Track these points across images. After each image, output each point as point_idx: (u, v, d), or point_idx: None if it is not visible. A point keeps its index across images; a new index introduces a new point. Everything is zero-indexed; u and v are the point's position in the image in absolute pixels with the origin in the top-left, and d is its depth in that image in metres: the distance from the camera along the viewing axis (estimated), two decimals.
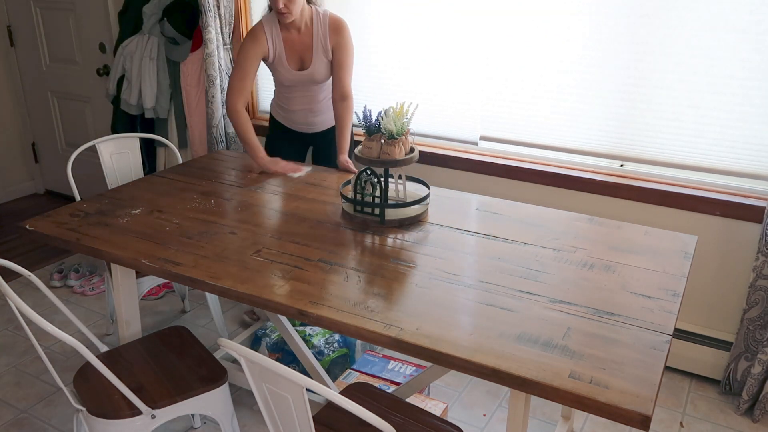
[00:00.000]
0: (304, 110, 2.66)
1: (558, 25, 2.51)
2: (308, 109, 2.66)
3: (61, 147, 4.24)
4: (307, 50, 2.49)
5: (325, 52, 2.49)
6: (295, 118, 2.70)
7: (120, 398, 1.75)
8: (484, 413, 2.39)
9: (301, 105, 2.65)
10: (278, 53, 2.49)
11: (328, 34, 2.47)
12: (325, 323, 1.52)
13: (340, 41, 2.48)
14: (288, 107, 2.69)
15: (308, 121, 2.69)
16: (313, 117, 2.68)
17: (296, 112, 2.67)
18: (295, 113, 2.68)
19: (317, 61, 2.50)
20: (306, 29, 2.47)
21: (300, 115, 2.68)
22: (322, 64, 2.51)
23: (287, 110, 2.70)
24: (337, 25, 2.48)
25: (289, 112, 2.70)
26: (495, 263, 1.77)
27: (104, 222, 2.04)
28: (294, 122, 2.72)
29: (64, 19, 3.78)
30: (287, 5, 2.33)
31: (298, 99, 2.64)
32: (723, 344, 2.49)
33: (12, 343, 2.81)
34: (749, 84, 2.25)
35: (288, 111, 2.70)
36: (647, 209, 2.52)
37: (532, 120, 2.70)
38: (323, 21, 2.47)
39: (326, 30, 2.47)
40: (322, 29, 2.47)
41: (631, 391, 1.27)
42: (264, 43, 2.46)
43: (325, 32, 2.47)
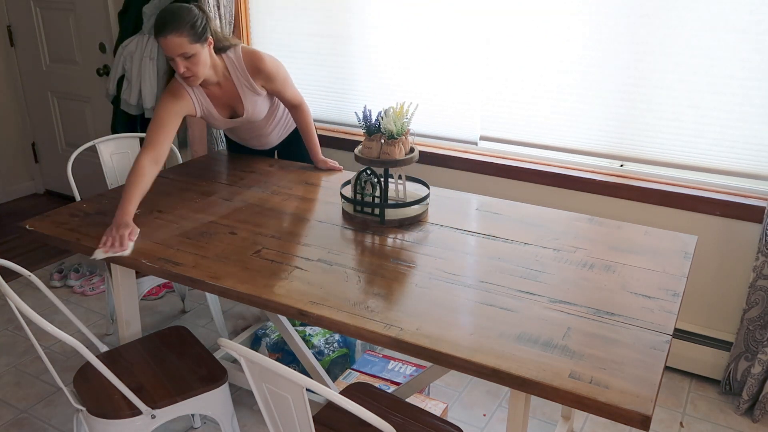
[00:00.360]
0: (255, 136, 2.59)
1: (558, 25, 2.51)
2: (258, 136, 2.58)
3: (61, 147, 4.24)
4: (235, 99, 2.33)
5: (255, 92, 2.32)
6: (248, 143, 2.65)
7: (120, 398, 1.75)
8: (484, 413, 2.39)
9: (249, 134, 2.57)
10: (206, 108, 2.31)
11: (250, 79, 2.28)
12: (325, 323, 1.52)
13: (266, 77, 2.30)
14: (238, 139, 2.64)
15: (261, 143, 2.63)
16: (266, 139, 2.61)
17: (247, 140, 2.62)
18: (247, 141, 2.63)
19: (250, 105, 2.34)
20: (225, 81, 2.28)
21: (251, 141, 2.62)
22: (257, 104, 2.36)
23: (238, 139, 2.64)
24: (255, 66, 2.27)
25: (240, 140, 2.65)
26: (495, 263, 1.77)
27: (104, 222, 2.04)
28: (248, 144, 2.66)
29: (64, 19, 3.78)
30: (190, 68, 2.10)
31: (243, 131, 2.55)
32: (723, 344, 2.49)
33: (12, 343, 2.81)
34: (749, 84, 2.25)
35: (239, 139, 2.64)
36: (647, 209, 2.52)
37: (532, 120, 2.70)
38: (239, 66, 2.26)
39: (246, 75, 2.27)
40: (242, 75, 2.27)
41: (631, 391, 1.27)
42: (188, 100, 2.25)
43: (246, 77, 2.28)
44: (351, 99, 3.12)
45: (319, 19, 3.03)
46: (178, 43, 2.04)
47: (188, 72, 2.11)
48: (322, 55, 3.09)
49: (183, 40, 2.04)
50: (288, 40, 3.16)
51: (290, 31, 3.14)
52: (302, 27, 3.10)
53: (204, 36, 2.11)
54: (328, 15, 3.01)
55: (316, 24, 3.05)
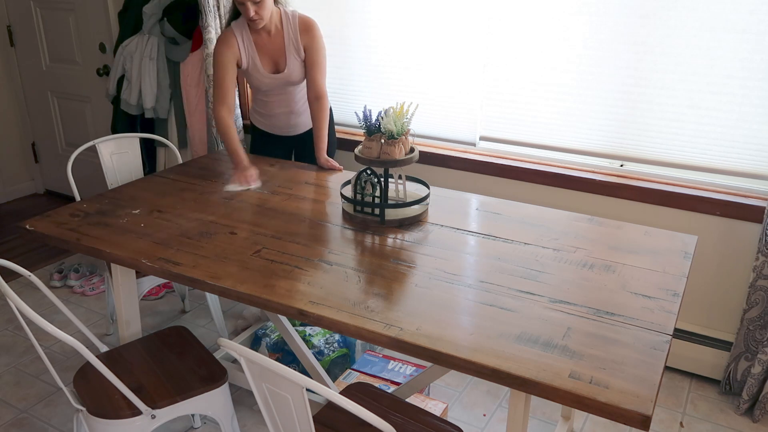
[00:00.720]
0: (284, 113, 2.65)
1: (558, 25, 2.51)
2: (288, 111, 2.65)
3: (61, 147, 4.24)
4: (279, 52, 2.48)
5: (297, 52, 2.48)
6: (276, 122, 2.70)
7: (120, 398, 1.75)
8: (484, 413, 2.39)
9: (280, 108, 2.64)
10: (251, 58, 2.47)
11: (299, 35, 2.46)
12: (325, 323, 1.52)
13: (311, 41, 2.47)
14: (267, 112, 2.68)
15: (289, 123, 2.69)
16: (295, 118, 2.68)
17: (276, 116, 2.67)
18: (275, 117, 2.68)
19: (291, 63, 2.49)
20: (276, 31, 2.46)
21: (281, 119, 2.68)
22: (296, 65, 2.50)
23: (267, 115, 2.69)
24: (307, 24, 2.47)
25: (268, 117, 2.70)
26: (495, 263, 1.77)
27: (104, 222, 2.04)
28: (275, 126, 2.72)
29: (64, 19, 3.78)
30: (258, 11, 2.31)
31: (276, 102, 2.63)
32: (723, 344, 2.49)
33: (12, 343, 2.81)
34: (749, 84, 2.25)
35: (268, 116, 2.70)
36: (647, 209, 2.52)
37: (532, 120, 2.70)
38: (293, 22, 2.46)
39: (297, 30, 2.46)
40: (292, 30, 2.46)
41: (631, 391, 1.27)
42: (236, 48, 2.44)
43: (296, 32, 2.46)
44: (351, 99, 3.12)
45: (318, 19, 3.03)
46: None
47: (256, 15, 2.32)
48: None
49: None
50: None
51: None
52: None
53: None
54: (328, 15, 3.01)
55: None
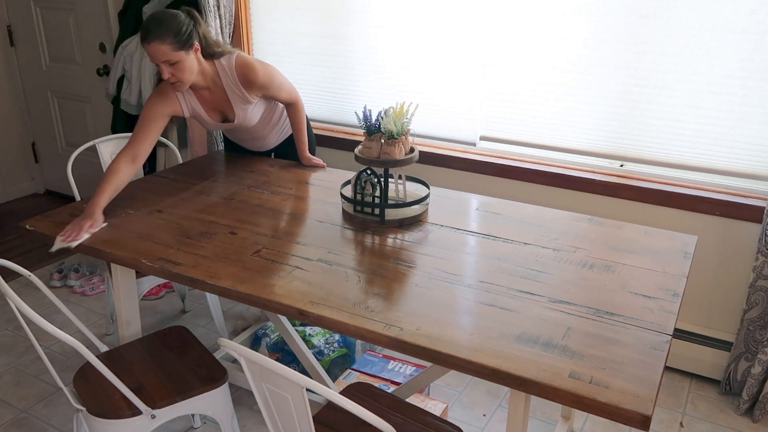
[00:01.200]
0: (251, 140, 2.59)
1: (558, 25, 2.51)
2: (255, 138, 2.57)
3: (61, 147, 4.24)
4: (225, 105, 2.32)
5: (246, 101, 2.31)
6: (244, 144, 2.65)
7: (120, 398, 1.75)
8: (484, 413, 2.39)
9: (245, 136, 2.56)
10: (195, 111, 2.32)
11: (242, 89, 2.27)
12: (325, 323, 1.52)
13: (260, 86, 2.28)
14: (236, 140, 2.64)
15: (257, 145, 2.63)
16: (261, 141, 2.60)
17: (244, 141, 2.62)
18: (243, 142, 2.62)
19: (241, 113, 2.33)
20: (215, 86, 2.27)
21: (247, 143, 2.62)
22: (248, 112, 2.35)
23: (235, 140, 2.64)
24: (246, 74, 2.23)
25: (238, 141, 2.64)
26: (495, 263, 1.77)
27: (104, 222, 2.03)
28: (245, 146, 2.67)
29: (64, 19, 3.78)
30: (174, 74, 2.11)
31: (239, 134, 2.56)
32: (723, 344, 2.49)
33: (12, 343, 2.81)
34: (749, 84, 2.25)
35: (236, 140, 2.64)
36: (647, 209, 2.52)
37: (532, 120, 2.70)
38: (232, 77, 2.24)
39: (238, 85, 2.26)
40: (234, 84, 2.26)
41: (631, 391, 1.27)
42: (175, 102, 2.25)
43: (238, 86, 2.26)
44: (351, 99, 3.12)
45: (319, 19, 3.03)
46: (162, 51, 2.04)
47: (173, 78, 2.12)
48: (323, 55, 3.09)
49: (166, 48, 2.04)
50: (288, 40, 3.16)
51: (290, 31, 3.14)
52: (302, 27, 3.10)
53: (189, 43, 2.10)
54: (328, 15, 3.01)
55: (316, 24, 3.04)
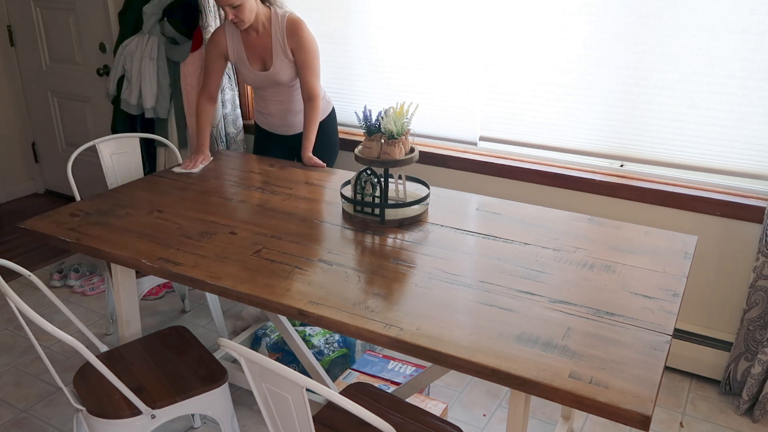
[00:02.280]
0: (280, 111, 2.68)
1: (558, 25, 2.51)
2: (284, 110, 2.68)
3: (61, 147, 4.24)
4: (267, 52, 2.52)
5: (285, 54, 2.50)
6: (273, 120, 2.72)
7: (120, 398, 1.75)
8: (484, 413, 2.39)
9: (275, 106, 2.67)
10: (238, 54, 2.54)
11: (285, 37, 2.48)
12: (325, 323, 1.52)
13: (298, 43, 2.48)
14: (264, 110, 2.72)
15: (286, 122, 2.71)
16: (292, 117, 2.70)
17: (273, 114, 2.70)
18: (272, 115, 2.71)
19: (278, 63, 2.51)
20: (264, 30, 2.49)
21: (277, 117, 2.70)
22: (284, 66, 2.52)
23: (265, 114, 2.73)
24: (294, 26, 2.47)
25: (266, 115, 2.73)
26: (495, 263, 1.77)
27: (104, 222, 2.04)
28: (273, 125, 2.74)
29: (64, 19, 3.78)
30: (237, 15, 2.36)
31: (271, 100, 2.66)
32: (723, 344, 2.49)
33: (12, 343, 2.81)
34: (749, 84, 2.25)
35: (266, 114, 2.73)
36: (647, 209, 2.52)
37: (532, 120, 2.70)
38: (281, 23, 2.47)
39: (284, 32, 2.47)
40: (280, 31, 2.48)
41: (631, 391, 1.27)
42: (223, 44, 2.54)
43: (283, 35, 2.48)
44: (351, 99, 3.12)
45: (319, 19, 3.03)
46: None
47: (235, 19, 2.37)
48: (322, 55, 3.09)
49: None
50: None
51: None
52: None
53: None
54: (327, 15, 3.01)
55: (316, 24, 3.04)
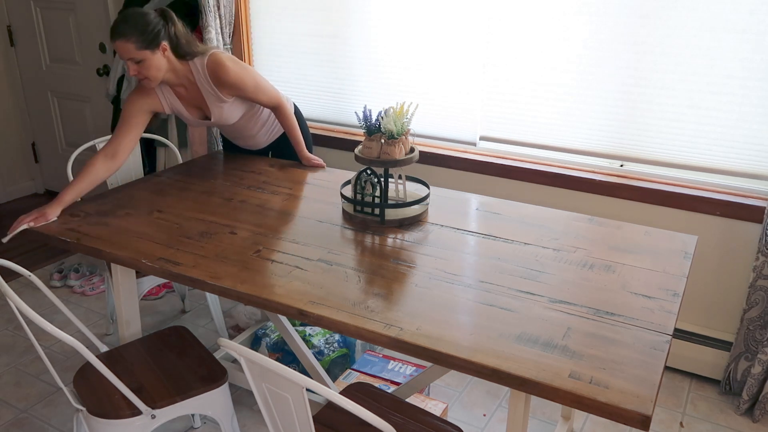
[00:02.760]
0: (240, 137, 2.60)
1: (558, 25, 2.51)
2: (243, 136, 2.59)
3: (61, 147, 4.24)
4: (201, 103, 2.35)
5: (220, 101, 2.32)
6: (239, 143, 2.67)
7: (120, 398, 1.75)
8: (484, 413, 2.39)
9: (233, 134, 2.59)
10: (174, 107, 2.35)
11: (215, 88, 2.27)
12: (325, 323, 1.52)
13: (231, 86, 2.27)
14: (228, 136, 2.65)
15: (253, 143, 2.64)
16: (255, 139, 2.61)
17: (237, 139, 2.63)
18: (237, 140, 2.64)
19: (216, 111, 2.34)
20: (190, 84, 2.29)
21: (239, 141, 2.64)
22: (224, 110, 2.36)
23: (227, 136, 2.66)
24: (218, 73, 2.23)
25: (230, 138, 2.66)
26: (495, 263, 1.77)
27: (104, 222, 2.04)
28: (240, 144, 2.68)
29: (64, 19, 3.78)
30: (141, 71, 2.14)
31: (229, 133, 2.59)
32: (723, 344, 2.49)
33: (12, 343, 2.81)
34: (749, 84, 2.25)
35: (229, 137, 2.66)
36: (647, 209, 2.52)
37: (532, 120, 2.70)
38: (203, 74, 2.25)
39: (209, 82, 2.26)
40: (206, 82, 2.27)
41: (631, 391, 1.27)
42: (154, 97, 2.29)
43: (211, 85, 2.27)
44: (351, 99, 3.12)
45: (319, 19, 3.03)
46: (127, 48, 2.09)
47: (140, 75, 2.16)
48: (322, 55, 3.09)
49: (130, 46, 2.09)
50: (288, 40, 3.16)
51: (290, 31, 3.14)
52: (302, 27, 3.10)
53: (155, 42, 2.13)
54: (328, 15, 3.01)
55: (316, 24, 3.05)
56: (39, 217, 2.05)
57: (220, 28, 3.09)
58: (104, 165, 2.18)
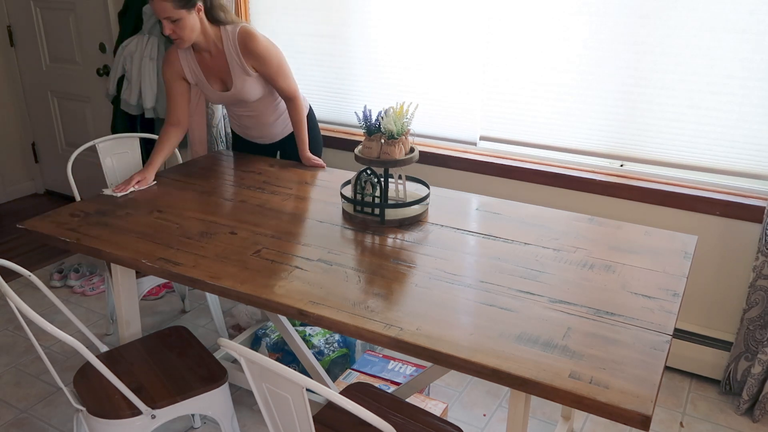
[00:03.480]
0: (255, 124, 2.61)
1: (558, 25, 2.51)
2: (259, 123, 2.60)
3: (61, 147, 4.24)
4: (225, 72, 2.39)
5: (245, 72, 2.37)
6: (250, 132, 2.66)
7: (120, 398, 1.75)
8: (484, 413, 2.40)
9: (249, 120, 2.60)
10: (196, 75, 2.41)
11: (242, 57, 2.33)
12: (325, 323, 1.52)
13: (257, 58, 2.33)
14: (240, 123, 2.65)
15: (263, 134, 2.65)
16: (267, 129, 2.62)
17: (248, 127, 2.63)
18: (249, 128, 2.64)
19: (239, 82, 2.38)
20: (217, 51, 2.35)
21: (253, 130, 2.64)
22: (246, 84, 2.39)
23: (241, 126, 2.67)
24: (247, 42, 2.31)
25: (243, 128, 2.66)
26: (495, 263, 1.77)
27: (104, 222, 2.04)
28: (252, 136, 2.68)
29: (64, 19, 3.78)
30: (175, 30, 2.20)
31: (243, 116, 2.59)
32: (723, 344, 2.49)
33: (12, 343, 2.81)
34: (749, 84, 2.25)
35: (242, 127, 2.67)
36: (647, 209, 2.52)
37: (532, 120, 2.70)
38: (233, 41, 2.32)
39: (238, 50, 2.33)
40: (234, 50, 2.33)
41: (631, 391, 1.27)
42: (177, 65, 2.39)
43: (239, 54, 2.33)
44: (351, 99, 3.12)
45: (319, 19, 3.03)
46: (163, 7, 2.16)
47: (174, 35, 2.23)
48: (323, 55, 3.09)
49: (167, 5, 2.15)
50: (288, 40, 3.16)
51: (290, 31, 3.14)
52: (302, 27, 3.10)
53: (192, 2, 2.20)
54: (328, 15, 3.01)
55: (316, 24, 3.04)
56: (141, 181, 2.30)
57: None
58: (174, 131, 2.46)
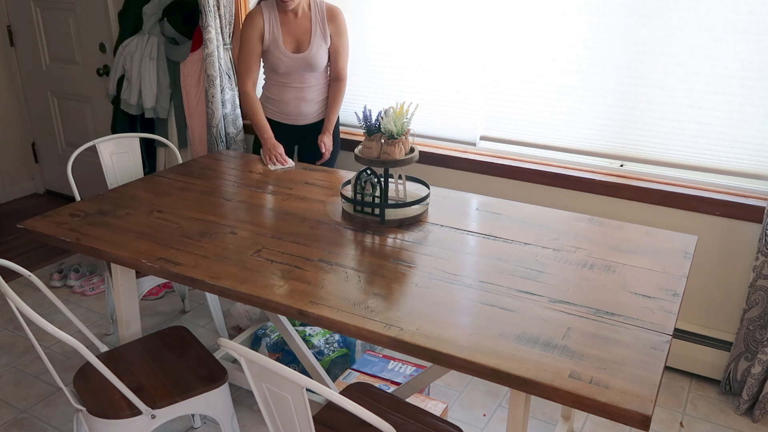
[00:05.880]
0: (296, 99, 2.70)
1: (558, 25, 2.51)
2: (300, 98, 2.70)
3: (61, 147, 4.24)
4: (305, 34, 2.59)
5: (324, 38, 2.60)
6: (286, 108, 2.73)
7: (120, 398, 1.75)
8: (484, 413, 2.40)
9: (292, 93, 2.70)
10: (273, 35, 2.58)
11: (326, 21, 2.59)
12: (325, 323, 1.52)
13: (338, 28, 2.61)
14: (278, 97, 2.72)
15: (299, 111, 2.73)
16: (306, 106, 2.73)
17: (287, 101, 2.71)
18: (286, 103, 2.72)
19: (315, 46, 2.59)
20: (304, 14, 2.58)
21: (291, 105, 2.72)
22: (320, 49, 2.61)
23: (277, 101, 2.73)
24: (334, 12, 2.61)
25: (279, 103, 2.73)
26: (495, 263, 1.77)
27: (104, 222, 2.04)
28: (283, 113, 2.75)
29: (64, 19, 3.78)
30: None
31: (290, 87, 2.69)
32: (723, 344, 2.49)
33: (12, 343, 2.81)
34: (749, 84, 2.25)
35: (278, 102, 2.73)
36: (647, 209, 2.52)
37: (532, 120, 2.70)
38: (320, 7, 2.59)
39: (324, 16, 2.58)
40: (320, 15, 2.58)
41: (631, 391, 1.27)
42: (260, 23, 2.56)
43: (323, 18, 2.58)
44: (351, 99, 3.12)
45: None
46: None
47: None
48: None
49: None
50: None
51: None
52: None
53: None
54: None
55: None
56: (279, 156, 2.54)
57: (220, 28, 3.09)
58: (255, 91, 2.63)
